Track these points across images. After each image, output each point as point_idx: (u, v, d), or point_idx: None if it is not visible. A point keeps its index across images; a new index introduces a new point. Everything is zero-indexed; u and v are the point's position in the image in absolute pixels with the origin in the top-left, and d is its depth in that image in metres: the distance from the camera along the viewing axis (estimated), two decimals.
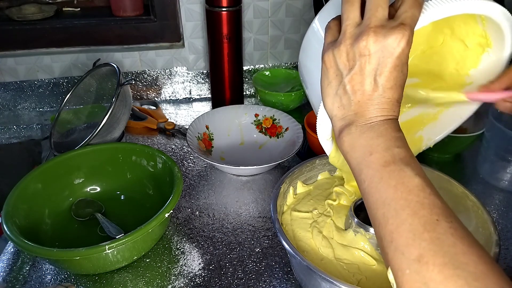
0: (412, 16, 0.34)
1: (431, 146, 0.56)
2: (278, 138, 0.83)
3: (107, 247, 0.50)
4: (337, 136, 0.38)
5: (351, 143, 0.37)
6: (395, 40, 0.33)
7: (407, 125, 0.54)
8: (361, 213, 0.51)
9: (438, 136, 0.55)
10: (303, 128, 0.78)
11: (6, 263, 0.59)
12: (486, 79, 0.48)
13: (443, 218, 0.31)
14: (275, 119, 0.84)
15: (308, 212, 0.56)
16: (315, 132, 0.46)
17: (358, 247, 0.49)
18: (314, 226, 0.54)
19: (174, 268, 0.58)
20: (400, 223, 0.32)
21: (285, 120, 0.83)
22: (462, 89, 0.49)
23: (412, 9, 0.34)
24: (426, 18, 0.35)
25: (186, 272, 0.57)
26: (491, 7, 0.38)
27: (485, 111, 0.76)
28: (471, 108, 0.52)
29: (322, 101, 0.40)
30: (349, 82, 0.36)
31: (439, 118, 0.54)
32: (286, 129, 0.82)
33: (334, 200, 0.57)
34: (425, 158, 0.77)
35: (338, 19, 0.39)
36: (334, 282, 0.42)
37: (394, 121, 0.36)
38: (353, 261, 0.49)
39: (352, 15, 0.36)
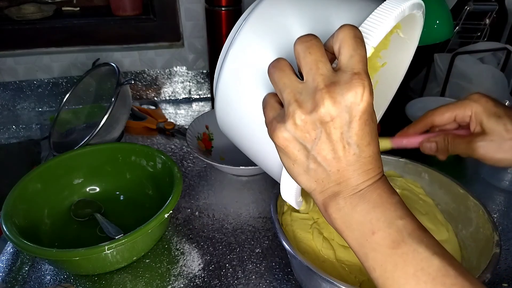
0: (360, 59, 0.29)
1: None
2: None
3: (106, 247, 0.50)
4: (322, 211, 0.34)
5: (344, 220, 0.32)
6: (356, 95, 0.29)
7: None
8: None
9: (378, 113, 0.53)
10: None
11: (5, 264, 0.58)
12: (399, 59, 0.47)
13: None
14: None
15: (308, 213, 0.56)
16: None
17: None
18: (314, 227, 0.53)
19: (173, 268, 0.57)
20: None
21: None
22: (376, 73, 0.49)
23: (357, 50, 0.29)
24: (370, 49, 0.31)
25: (185, 272, 0.57)
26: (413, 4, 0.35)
27: None
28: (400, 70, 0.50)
29: (284, 173, 0.35)
30: (319, 154, 0.31)
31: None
32: None
33: None
34: (426, 158, 0.76)
35: (272, 93, 0.34)
36: (335, 282, 0.42)
37: (383, 181, 0.32)
38: (354, 262, 0.48)
39: (288, 81, 0.31)
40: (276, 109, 0.33)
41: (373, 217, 0.31)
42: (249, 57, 0.37)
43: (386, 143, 0.51)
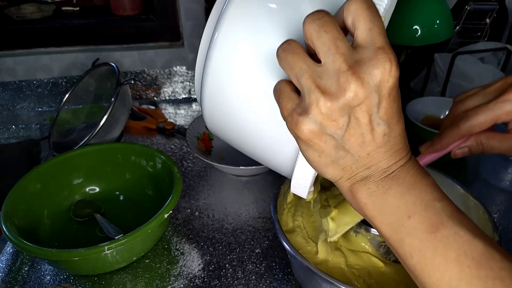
0: (380, 31, 0.27)
1: None
2: None
3: (106, 247, 0.50)
4: (349, 197, 0.31)
5: (376, 205, 0.29)
6: (385, 72, 0.26)
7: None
8: None
9: None
10: None
11: (5, 264, 0.58)
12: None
13: None
14: None
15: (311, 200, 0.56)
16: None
17: (364, 250, 0.49)
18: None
19: (173, 269, 0.57)
20: None
21: None
22: None
23: (374, 22, 0.27)
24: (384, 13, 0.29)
25: (185, 273, 0.57)
26: None
27: None
28: None
29: (299, 159, 0.33)
30: (348, 141, 0.28)
31: None
32: None
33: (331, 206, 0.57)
34: None
35: (284, 80, 0.30)
36: (334, 283, 0.42)
37: (414, 161, 0.30)
38: (363, 265, 0.48)
39: (305, 65, 0.27)
40: (293, 99, 0.29)
41: (408, 200, 0.28)
42: (243, 42, 0.33)
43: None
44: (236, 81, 0.34)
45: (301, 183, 0.35)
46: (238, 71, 0.33)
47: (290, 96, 0.29)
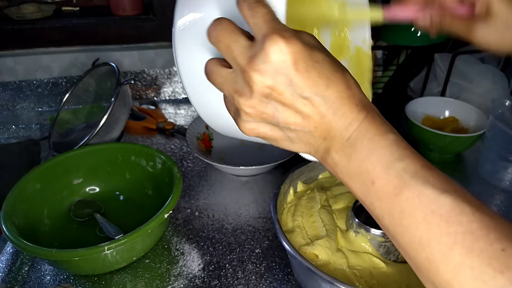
0: (264, 20, 0.28)
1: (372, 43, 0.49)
2: None
3: (106, 247, 0.50)
4: (326, 168, 0.32)
5: (344, 173, 0.30)
6: (276, 54, 0.27)
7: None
8: (361, 213, 0.51)
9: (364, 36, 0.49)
10: None
11: (5, 264, 0.58)
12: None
13: (508, 243, 0.24)
14: None
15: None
16: None
17: (365, 251, 0.49)
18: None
19: (173, 269, 0.57)
20: (457, 269, 0.24)
21: None
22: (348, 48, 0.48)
23: (255, 15, 0.28)
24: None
25: (185, 273, 0.57)
26: None
27: (487, 111, 0.76)
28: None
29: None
30: (288, 123, 0.30)
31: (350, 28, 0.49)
32: None
33: (331, 206, 0.56)
34: (426, 158, 0.76)
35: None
36: (334, 282, 0.42)
37: (370, 121, 0.29)
38: (364, 266, 0.48)
39: (222, 79, 0.31)
40: (234, 106, 0.32)
41: (369, 166, 0.28)
42: (192, 62, 0.37)
43: (377, 15, 0.45)
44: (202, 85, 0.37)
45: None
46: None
47: (231, 103, 0.32)
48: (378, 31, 0.88)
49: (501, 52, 0.44)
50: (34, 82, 0.96)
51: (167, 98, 1.04)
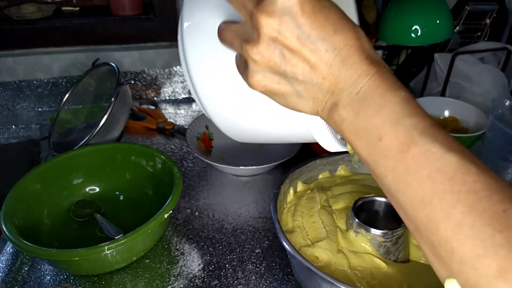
0: None
1: None
2: None
3: (106, 247, 0.50)
4: (334, 127, 0.31)
5: (351, 130, 0.29)
6: None
7: None
8: (361, 213, 0.51)
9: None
10: None
11: (5, 264, 0.58)
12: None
13: (509, 204, 0.24)
14: None
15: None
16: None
17: (365, 251, 0.49)
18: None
19: (173, 269, 0.57)
20: (457, 227, 0.24)
21: None
22: None
23: None
24: None
25: (185, 273, 0.57)
26: None
27: (487, 111, 0.76)
28: None
29: (305, 120, 0.35)
30: (295, 72, 0.29)
31: None
32: None
33: (330, 207, 0.56)
34: None
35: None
36: (334, 282, 0.42)
37: (382, 76, 0.28)
38: (365, 266, 0.48)
39: (232, 33, 0.31)
40: (243, 62, 0.32)
41: (378, 121, 0.27)
42: (205, 34, 0.36)
43: None
44: (221, 66, 0.37)
45: (321, 134, 0.35)
46: (217, 60, 0.36)
47: (241, 60, 0.32)
48: (378, 31, 0.88)
49: None
50: (34, 82, 0.96)
51: (167, 98, 1.04)
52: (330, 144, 0.37)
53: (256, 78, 0.31)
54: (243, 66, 0.32)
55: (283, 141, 0.43)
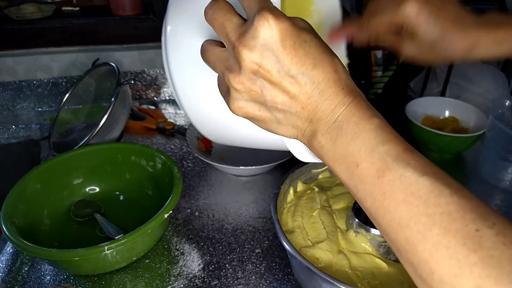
0: (256, 1, 0.30)
1: None
2: None
3: (106, 247, 0.50)
4: (313, 151, 0.33)
5: (329, 157, 0.31)
6: (264, 29, 0.28)
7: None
8: (361, 213, 0.51)
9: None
10: None
11: (5, 264, 0.58)
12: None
13: (482, 224, 0.25)
14: None
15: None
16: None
17: (366, 251, 0.49)
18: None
19: (173, 269, 0.57)
20: (434, 248, 0.25)
21: None
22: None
23: None
24: None
25: (185, 273, 0.57)
26: None
27: (487, 111, 0.76)
28: None
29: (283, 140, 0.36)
30: (275, 102, 0.31)
31: None
32: None
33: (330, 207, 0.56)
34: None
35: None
36: (334, 283, 0.42)
37: (357, 105, 0.30)
38: (366, 267, 0.48)
39: (214, 57, 0.33)
40: (225, 85, 0.33)
41: (354, 149, 0.29)
42: (185, 49, 0.38)
43: None
44: (199, 82, 0.39)
45: (296, 149, 0.37)
46: (198, 73, 0.38)
47: (222, 82, 0.34)
48: None
49: (425, 64, 0.49)
50: (34, 82, 0.96)
51: (167, 98, 1.04)
52: (304, 157, 0.38)
53: (237, 105, 0.32)
54: (225, 90, 0.33)
55: (258, 147, 0.44)
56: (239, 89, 0.31)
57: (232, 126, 0.40)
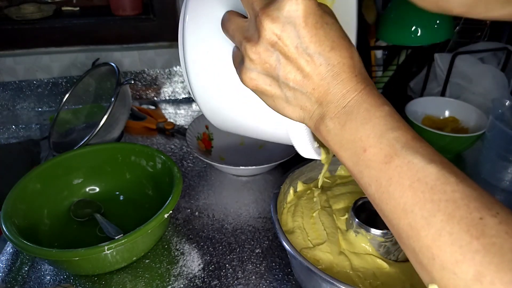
0: None
1: None
2: None
3: (106, 247, 0.50)
4: (319, 137, 0.33)
5: (336, 141, 0.31)
6: (291, 3, 0.28)
7: None
8: (361, 213, 0.51)
9: None
10: None
11: (5, 264, 0.58)
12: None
13: (486, 212, 0.25)
14: None
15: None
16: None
17: (366, 252, 0.49)
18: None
19: (173, 269, 0.57)
20: (437, 234, 0.25)
21: None
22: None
23: None
24: None
25: (185, 273, 0.57)
26: None
27: (487, 111, 0.76)
28: None
29: (287, 123, 0.36)
30: (287, 78, 0.31)
31: None
32: None
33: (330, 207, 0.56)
34: None
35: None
36: (334, 283, 0.42)
37: (368, 92, 0.30)
38: (368, 267, 0.48)
39: (235, 25, 0.32)
40: (239, 56, 0.33)
41: (362, 134, 0.29)
42: (205, 25, 0.37)
43: None
44: (216, 63, 0.38)
45: (299, 139, 0.36)
46: (214, 53, 0.37)
47: (237, 55, 0.33)
48: (378, 31, 0.88)
49: (421, 7, 0.48)
50: (34, 82, 0.96)
51: (167, 98, 1.04)
52: (306, 150, 0.38)
53: (249, 76, 0.32)
54: (238, 60, 0.33)
55: (262, 138, 0.43)
56: (254, 60, 0.31)
57: (239, 108, 0.40)
